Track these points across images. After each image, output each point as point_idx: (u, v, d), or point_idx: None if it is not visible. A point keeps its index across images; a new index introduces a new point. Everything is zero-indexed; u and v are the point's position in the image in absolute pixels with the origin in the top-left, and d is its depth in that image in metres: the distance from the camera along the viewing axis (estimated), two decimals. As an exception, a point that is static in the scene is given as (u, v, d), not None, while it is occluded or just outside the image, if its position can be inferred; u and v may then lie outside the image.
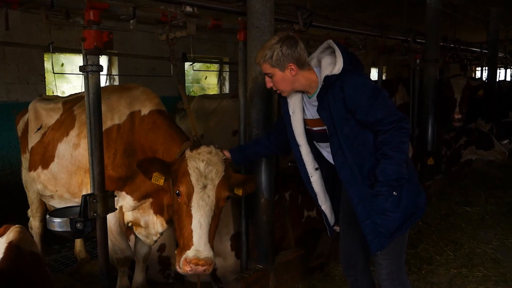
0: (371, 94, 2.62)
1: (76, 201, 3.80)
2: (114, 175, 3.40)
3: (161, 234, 3.72)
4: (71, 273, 4.87)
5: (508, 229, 5.74)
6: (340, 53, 2.70)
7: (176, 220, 2.98)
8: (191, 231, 2.80)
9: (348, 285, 3.35)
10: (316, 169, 3.01)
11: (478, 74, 14.12)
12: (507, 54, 12.33)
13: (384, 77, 10.25)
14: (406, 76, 8.32)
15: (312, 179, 3.02)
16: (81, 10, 2.68)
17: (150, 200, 3.57)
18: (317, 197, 3.06)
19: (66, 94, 6.65)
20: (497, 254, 4.92)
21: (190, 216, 2.83)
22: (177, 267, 2.87)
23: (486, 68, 10.40)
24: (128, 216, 3.66)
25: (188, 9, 3.14)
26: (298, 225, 4.50)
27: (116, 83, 8.27)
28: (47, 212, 4.71)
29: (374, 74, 9.69)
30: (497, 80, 10.77)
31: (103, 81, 8.38)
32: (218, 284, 4.28)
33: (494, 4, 9.29)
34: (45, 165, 3.98)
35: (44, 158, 4.01)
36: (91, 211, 2.74)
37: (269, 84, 2.87)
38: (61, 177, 3.86)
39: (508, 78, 13.59)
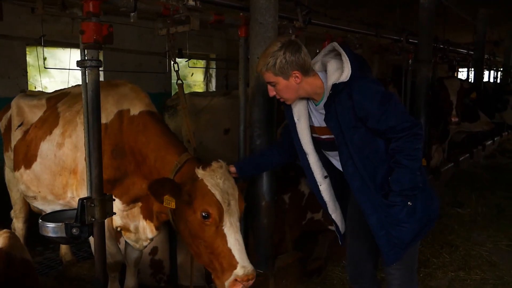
0: (382, 100, 2.48)
1: (60, 203, 3.66)
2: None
3: (151, 240, 3.58)
4: (57, 276, 4.67)
5: (500, 231, 5.77)
6: (347, 58, 2.55)
7: (202, 244, 2.81)
8: (229, 250, 2.70)
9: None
10: (325, 177, 2.89)
11: (461, 75, 14.28)
12: (491, 56, 12.49)
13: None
14: (390, 76, 8.29)
15: (321, 188, 2.90)
16: (79, 0, 2.50)
17: (140, 204, 3.41)
18: (327, 205, 2.94)
19: (49, 90, 6.42)
20: (493, 257, 4.91)
21: (223, 236, 2.73)
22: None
23: (472, 69, 10.48)
24: (117, 221, 3.50)
25: (191, 2, 2.98)
26: (298, 227, 4.39)
27: (101, 79, 8.01)
28: (31, 213, 4.58)
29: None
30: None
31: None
32: (212, 288, 4.15)
33: (483, 5, 9.34)
34: (28, 165, 3.78)
35: (26, 157, 3.81)
36: (89, 216, 2.56)
37: (272, 93, 2.72)
38: (44, 177, 3.67)
39: (492, 80, 13.78)
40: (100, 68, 2.59)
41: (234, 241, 2.72)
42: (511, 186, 8.00)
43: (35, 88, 7.18)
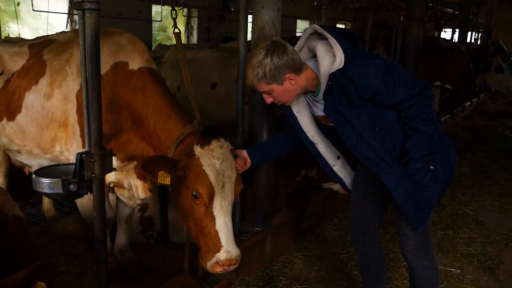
0: (385, 75, 2.34)
1: (48, 157, 3.49)
2: None
3: (143, 200, 3.47)
4: (41, 232, 4.50)
5: (484, 191, 5.88)
6: (335, 41, 2.39)
7: (191, 221, 2.72)
8: (216, 232, 2.62)
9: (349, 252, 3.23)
10: (338, 157, 2.84)
11: (444, 35, 14.22)
12: (473, 17, 12.42)
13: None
14: (381, 33, 8.17)
15: (335, 169, 2.88)
16: None
17: (135, 163, 3.26)
18: (344, 182, 2.92)
19: (23, 37, 5.99)
20: (478, 216, 5.01)
21: (212, 217, 2.63)
22: (205, 268, 2.69)
23: (457, 29, 10.40)
24: (111, 177, 3.35)
25: None
26: (292, 184, 4.34)
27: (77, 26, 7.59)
28: (12, 166, 4.36)
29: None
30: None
31: (65, 23, 7.69)
32: (205, 246, 4.09)
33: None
34: (11, 117, 3.55)
35: (9, 108, 3.57)
36: (88, 172, 2.38)
37: (269, 100, 2.60)
38: (30, 130, 3.46)
39: (473, 41, 13.79)
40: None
41: (222, 224, 2.63)
42: (490, 147, 8.17)
43: (8, 35, 6.72)
